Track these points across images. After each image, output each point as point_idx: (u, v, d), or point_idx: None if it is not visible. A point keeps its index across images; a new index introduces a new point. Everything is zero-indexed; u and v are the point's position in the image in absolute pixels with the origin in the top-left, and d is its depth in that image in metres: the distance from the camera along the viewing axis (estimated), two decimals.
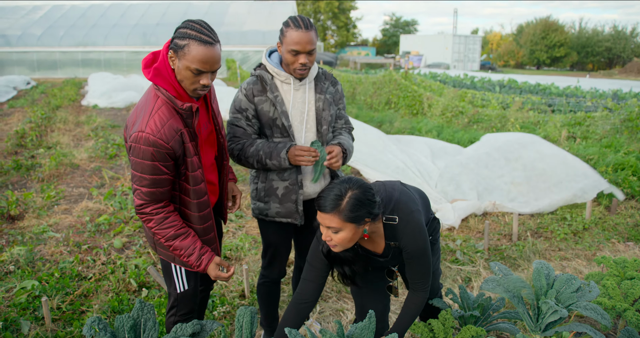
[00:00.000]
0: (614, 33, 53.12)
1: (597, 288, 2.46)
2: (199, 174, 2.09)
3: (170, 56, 1.93)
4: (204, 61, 1.88)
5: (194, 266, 2.13)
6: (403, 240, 2.05)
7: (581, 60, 53.94)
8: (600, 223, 4.69)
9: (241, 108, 2.44)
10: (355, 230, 1.93)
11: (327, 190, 1.92)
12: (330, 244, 1.97)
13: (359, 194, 1.89)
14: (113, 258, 4.01)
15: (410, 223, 2.04)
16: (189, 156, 2.03)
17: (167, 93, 1.95)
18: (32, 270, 3.80)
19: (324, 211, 1.89)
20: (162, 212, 2.03)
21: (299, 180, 2.48)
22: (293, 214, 2.52)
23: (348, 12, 56.99)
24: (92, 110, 13.17)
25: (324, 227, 1.95)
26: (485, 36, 67.79)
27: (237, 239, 4.36)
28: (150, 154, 1.92)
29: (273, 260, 2.71)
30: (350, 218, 1.88)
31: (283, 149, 2.36)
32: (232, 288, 3.55)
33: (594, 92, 16.54)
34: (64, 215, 5.08)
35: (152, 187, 1.98)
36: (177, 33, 1.91)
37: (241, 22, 29.85)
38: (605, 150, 6.02)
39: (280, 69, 2.44)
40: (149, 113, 1.95)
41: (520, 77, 28.35)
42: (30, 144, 8.30)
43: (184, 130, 1.98)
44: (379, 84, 12.77)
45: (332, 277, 2.29)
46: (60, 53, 27.67)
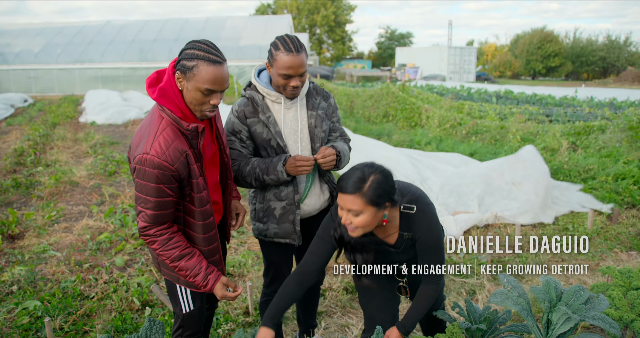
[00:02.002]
0: (607, 42, 53.56)
1: (606, 300, 2.45)
2: (204, 196, 2.06)
3: (178, 78, 1.91)
4: (214, 80, 1.87)
5: (200, 287, 2.11)
6: (419, 230, 2.06)
7: (576, 69, 54.30)
8: (602, 233, 4.70)
9: (234, 131, 2.42)
10: (376, 213, 1.93)
11: (350, 172, 1.93)
12: (350, 227, 1.96)
13: (381, 178, 1.91)
14: (115, 277, 3.99)
15: (426, 213, 2.06)
16: (194, 177, 2.01)
17: (172, 114, 1.93)
18: (33, 290, 3.77)
19: (346, 192, 1.89)
20: (165, 233, 2.01)
21: (296, 200, 2.46)
22: (291, 234, 2.51)
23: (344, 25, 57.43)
24: (90, 127, 13.18)
25: (343, 211, 1.94)
26: (480, 47, 68.23)
27: (240, 255, 4.34)
28: (155, 177, 1.90)
29: (275, 278, 2.71)
30: (373, 200, 1.89)
31: (279, 162, 2.33)
32: (236, 305, 3.53)
33: (590, 101, 16.61)
34: (64, 234, 5.06)
35: (157, 209, 1.96)
36: (184, 54, 1.89)
37: (238, 37, 30.05)
38: (605, 160, 6.04)
39: (270, 89, 2.40)
40: (154, 134, 1.93)
41: (516, 87, 28.49)
42: (29, 162, 8.30)
43: (189, 151, 1.96)
44: (377, 97, 12.82)
45: (335, 261, 2.28)
46: (57, 70, 27.77)
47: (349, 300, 3.59)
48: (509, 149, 7.29)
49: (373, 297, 2.35)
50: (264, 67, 2.52)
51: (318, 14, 54.23)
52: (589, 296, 2.49)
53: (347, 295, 3.66)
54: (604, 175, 5.54)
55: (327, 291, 3.66)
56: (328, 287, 3.71)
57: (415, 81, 30.67)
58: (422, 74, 45.36)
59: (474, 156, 7.34)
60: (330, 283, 3.76)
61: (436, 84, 28.83)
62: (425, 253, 2.12)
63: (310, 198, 2.55)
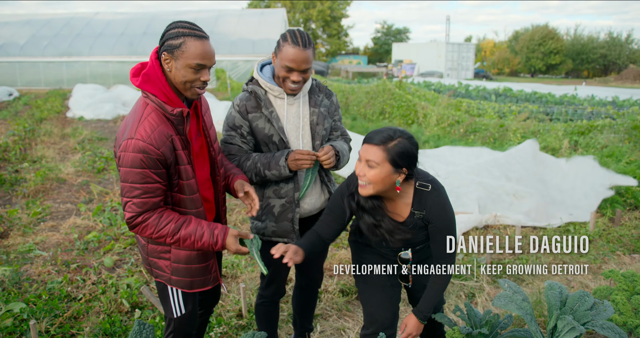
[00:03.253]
0: (609, 40, 53.00)
1: (611, 307, 2.40)
2: (193, 183, 2.00)
3: (165, 59, 1.88)
4: (203, 55, 1.87)
5: (211, 246, 1.98)
6: (432, 210, 2.07)
7: (576, 67, 53.91)
8: (604, 235, 4.65)
9: (235, 125, 2.38)
10: (390, 173, 1.97)
11: (381, 129, 2.01)
12: (362, 181, 2.00)
13: (407, 143, 1.97)
14: (104, 278, 3.87)
15: (441, 194, 2.09)
16: (182, 164, 1.95)
17: (157, 99, 1.90)
18: (18, 292, 3.64)
19: (371, 142, 1.97)
20: (154, 214, 1.92)
21: (296, 198, 2.42)
22: (289, 233, 2.46)
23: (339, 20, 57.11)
24: (78, 122, 12.95)
25: (362, 162, 2.00)
26: (478, 44, 68.06)
27: (233, 256, 4.24)
28: (139, 161, 1.84)
29: (272, 280, 2.64)
30: (392, 158, 1.95)
31: (281, 157, 2.29)
32: (229, 307, 3.43)
33: (591, 100, 16.51)
34: (50, 232, 4.91)
35: (144, 196, 1.88)
36: (168, 35, 1.88)
37: (231, 31, 29.71)
38: (607, 160, 5.98)
39: (273, 84, 2.37)
40: (138, 120, 1.89)
41: (515, 85, 28.38)
42: (14, 158, 8.09)
43: (175, 137, 1.92)
44: (373, 94, 12.72)
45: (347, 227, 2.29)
46: (43, 63, 27.27)
47: (345, 303, 3.51)
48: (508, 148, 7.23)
49: (373, 294, 2.32)
50: (268, 62, 2.50)
51: (314, 9, 53.86)
52: (594, 302, 2.44)
53: (344, 297, 3.58)
54: None
55: (322, 294, 3.58)
56: (324, 289, 3.62)
57: (413, 78, 30.56)
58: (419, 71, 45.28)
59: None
60: (326, 285, 3.67)
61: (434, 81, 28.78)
62: (438, 235, 2.12)
63: (311, 196, 2.50)
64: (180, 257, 2.08)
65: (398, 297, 2.37)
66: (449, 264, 2.16)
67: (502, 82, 34.44)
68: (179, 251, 2.07)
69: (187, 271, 2.10)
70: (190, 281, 2.13)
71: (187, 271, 2.10)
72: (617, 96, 18.45)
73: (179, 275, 2.11)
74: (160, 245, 2.07)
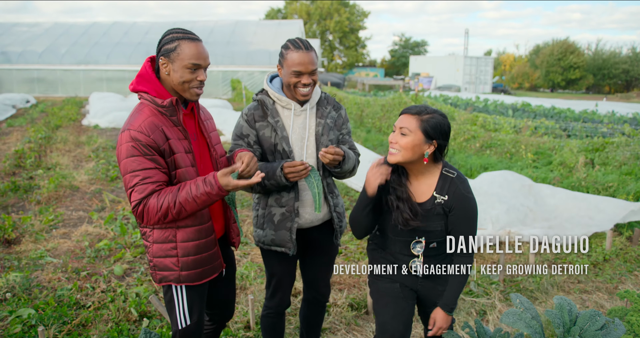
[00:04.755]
0: (632, 55, 51.68)
1: (622, 325, 2.33)
2: (193, 172, 2.07)
3: (163, 63, 2.01)
4: (198, 55, 2.00)
5: (210, 195, 1.98)
6: (455, 196, 2.09)
7: (597, 82, 52.59)
8: (621, 254, 4.55)
9: (242, 134, 2.43)
10: (421, 143, 2.05)
11: (416, 105, 2.12)
12: (393, 147, 2.08)
13: (441, 120, 2.08)
14: (113, 286, 3.87)
15: (466, 183, 2.13)
16: (177, 152, 2.02)
17: (149, 95, 2.02)
18: (28, 298, 3.66)
19: (407, 113, 2.09)
20: (152, 197, 1.96)
21: (296, 207, 2.44)
22: (286, 243, 2.46)
23: (357, 32, 57.17)
24: (93, 130, 13.10)
25: (396, 130, 2.10)
26: (498, 57, 67.52)
27: (242, 267, 4.22)
28: (132, 149, 1.94)
29: (276, 290, 2.64)
30: (425, 128, 2.04)
31: (277, 167, 2.31)
32: (237, 319, 3.41)
33: (611, 116, 16.16)
34: (62, 239, 4.94)
35: (144, 182, 1.95)
36: (164, 41, 2.01)
37: (247, 41, 29.92)
38: (626, 178, 5.87)
39: (281, 94, 2.43)
40: (132, 114, 2.03)
41: (534, 100, 27.96)
42: (29, 165, 8.18)
43: (167, 128, 2.01)
44: (389, 107, 12.69)
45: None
46: (61, 71, 27.68)
47: (354, 317, 3.47)
48: (523, 164, 7.15)
49: (386, 304, 2.31)
50: (277, 74, 2.54)
51: (331, 20, 54.02)
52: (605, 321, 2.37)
53: (353, 311, 3.53)
54: (624, 193, 5.37)
55: (331, 307, 3.54)
56: (333, 303, 3.59)
57: (430, 91, 30.41)
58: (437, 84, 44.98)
59: (487, 170, 7.18)
60: (335, 298, 3.64)
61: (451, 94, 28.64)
62: (459, 223, 2.13)
63: (312, 206, 2.50)
64: (189, 249, 2.10)
65: (411, 311, 2.34)
66: (470, 259, 2.17)
67: (521, 96, 34.08)
68: (186, 244, 2.09)
69: (196, 263, 2.12)
70: (201, 271, 2.15)
71: (196, 263, 2.12)
72: (638, 112, 18.14)
73: (189, 269, 2.12)
74: (165, 243, 2.08)
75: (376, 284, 2.35)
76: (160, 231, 2.07)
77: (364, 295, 3.70)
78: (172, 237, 2.08)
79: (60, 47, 28.84)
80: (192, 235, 2.09)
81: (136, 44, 29.27)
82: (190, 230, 2.09)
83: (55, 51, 28.47)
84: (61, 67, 27.69)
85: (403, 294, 2.30)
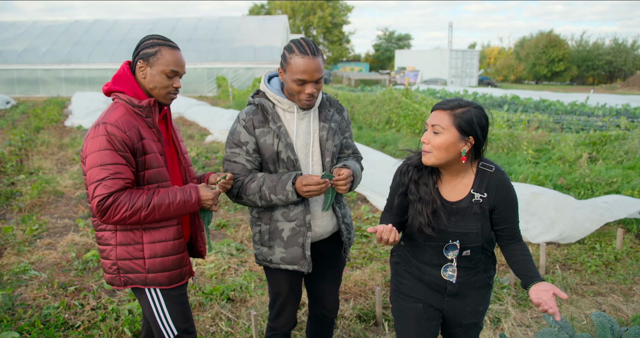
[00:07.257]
0: (614, 46, 52.76)
1: None
2: (165, 173, 2.04)
3: (140, 66, 2.00)
4: (177, 63, 2.01)
5: (187, 204, 1.99)
6: (498, 191, 1.94)
7: (581, 74, 53.63)
8: (632, 253, 4.39)
9: (240, 142, 2.19)
10: (456, 141, 1.87)
11: (449, 98, 1.95)
12: (426, 147, 1.91)
13: (477, 113, 1.89)
14: (104, 302, 3.61)
15: (504, 175, 1.98)
16: (150, 152, 1.98)
17: (125, 95, 1.99)
18: (11, 319, 3.39)
19: (440, 108, 1.90)
20: (124, 192, 1.90)
21: (307, 221, 2.21)
22: (299, 260, 2.24)
23: (341, 26, 57.02)
24: (77, 131, 12.71)
25: (428, 128, 1.92)
26: (482, 50, 67.86)
27: (241, 277, 3.99)
28: (107, 142, 1.89)
29: (282, 310, 2.43)
30: (459, 124, 1.86)
31: (288, 181, 2.10)
32: (239, 335, 3.19)
33: (603, 108, 16.20)
34: (47, 251, 4.66)
35: (114, 177, 1.88)
36: (143, 45, 2.00)
37: (232, 38, 29.48)
38: (629, 172, 5.73)
39: (282, 96, 2.20)
40: (106, 111, 1.99)
41: (521, 92, 28.01)
42: (10, 170, 7.82)
43: (142, 129, 1.98)
44: (379, 103, 12.46)
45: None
46: (42, 71, 27.04)
47: (363, 330, 3.26)
48: (523, 160, 6.98)
49: (408, 325, 2.12)
50: (275, 73, 2.32)
51: (314, 16, 53.75)
52: None
53: (361, 323, 3.33)
54: (629, 189, 5.22)
55: (339, 320, 3.33)
56: (340, 315, 3.37)
57: (417, 85, 30.26)
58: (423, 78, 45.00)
59: None
60: (342, 310, 3.43)
61: (438, 88, 28.51)
62: (506, 216, 1.97)
63: (322, 219, 2.30)
64: (156, 250, 2.03)
65: (435, 332, 2.14)
66: (523, 243, 2.03)
67: (508, 89, 34.12)
68: (153, 245, 2.03)
69: (163, 265, 2.05)
70: (169, 275, 2.08)
71: (163, 265, 2.05)
72: (628, 103, 18.21)
73: (156, 271, 2.05)
74: (131, 244, 2.02)
75: (398, 303, 2.16)
76: (125, 233, 2.01)
77: (372, 305, 3.50)
78: (139, 239, 2.02)
79: (41, 46, 28.14)
80: (159, 235, 2.04)
81: (118, 41, 28.67)
82: (157, 231, 2.03)
83: (35, 50, 27.77)
84: (42, 67, 27.04)
85: (426, 315, 2.11)
